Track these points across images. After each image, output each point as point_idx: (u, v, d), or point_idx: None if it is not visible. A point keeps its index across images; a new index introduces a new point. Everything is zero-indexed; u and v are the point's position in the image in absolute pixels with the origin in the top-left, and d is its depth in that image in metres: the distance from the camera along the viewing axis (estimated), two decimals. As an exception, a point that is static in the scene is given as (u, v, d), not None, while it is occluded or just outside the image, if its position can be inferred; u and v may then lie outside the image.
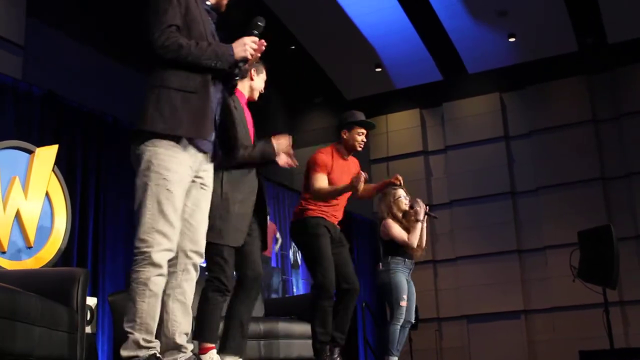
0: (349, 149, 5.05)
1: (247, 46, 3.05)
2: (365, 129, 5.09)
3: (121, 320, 5.32)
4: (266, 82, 4.18)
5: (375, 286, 9.52)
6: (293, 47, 11.50)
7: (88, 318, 5.25)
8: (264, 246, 4.04)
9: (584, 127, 11.41)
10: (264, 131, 4.18)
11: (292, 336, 5.52)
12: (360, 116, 5.19)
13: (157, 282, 2.86)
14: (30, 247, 5.21)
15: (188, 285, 3.07)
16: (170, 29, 2.93)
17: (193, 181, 3.07)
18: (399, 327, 5.86)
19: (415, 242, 5.81)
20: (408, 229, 5.90)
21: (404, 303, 5.80)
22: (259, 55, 3.17)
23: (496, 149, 11.96)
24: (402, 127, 12.55)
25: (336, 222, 4.91)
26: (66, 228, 5.53)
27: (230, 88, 3.27)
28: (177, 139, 2.92)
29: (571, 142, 11.40)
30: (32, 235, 5.23)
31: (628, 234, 10.48)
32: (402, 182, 5.20)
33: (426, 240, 6.09)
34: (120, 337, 5.22)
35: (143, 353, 2.83)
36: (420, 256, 6.09)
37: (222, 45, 3.04)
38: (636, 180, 10.94)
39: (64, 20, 8.12)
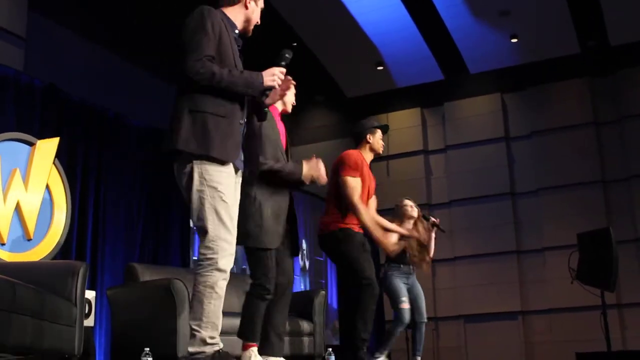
0: (374, 152, 5.22)
1: (276, 76, 3.33)
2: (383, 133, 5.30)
3: (118, 314, 5.36)
4: (296, 95, 4.40)
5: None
6: (295, 44, 11.48)
7: (86, 311, 5.26)
8: (295, 252, 4.34)
9: (585, 129, 11.41)
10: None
11: (293, 334, 5.52)
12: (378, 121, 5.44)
13: (222, 285, 3.14)
14: (29, 240, 5.22)
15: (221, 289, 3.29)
16: (206, 58, 3.13)
17: None
18: (399, 329, 6.06)
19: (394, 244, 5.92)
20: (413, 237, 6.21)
21: (404, 305, 6.05)
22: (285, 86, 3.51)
23: (496, 150, 11.96)
24: (402, 126, 12.54)
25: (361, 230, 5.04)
26: (66, 221, 5.54)
27: (261, 115, 3.54)
28: (217, 160, 3.16)
29: (572, 144, 11.40)
30: (31, 228, 5.23)
31: (627, 237, 10.47)
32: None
33: (433, 252, 6.33)
34: (117, 331, 5.24)
35: (208, 349, 3.11)
36: (426, 268, 6.33)
37: (252, 73, 3.26)
38: (637, 184, 10.93)
39: (67, 13, 8.11)
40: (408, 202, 6.51)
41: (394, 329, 6.14)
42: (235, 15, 3.40)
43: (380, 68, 12.18)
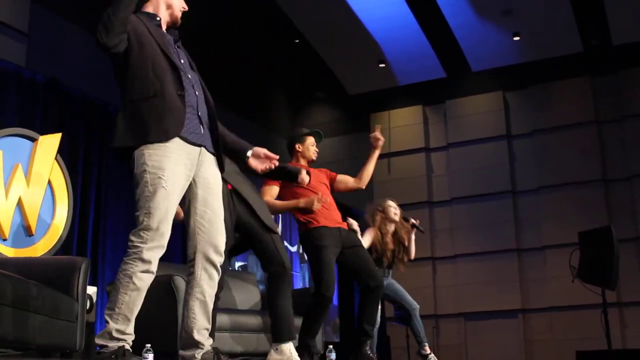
0: (307, 159, 5.11)
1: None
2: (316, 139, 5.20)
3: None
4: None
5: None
6: (297, 41, 11.49)
7: (88, 307, 5.27)
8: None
9: (587, 128, 11.41)
10: (267, 124, 4.25)
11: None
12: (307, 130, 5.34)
13: (142, 277, 2.96)
14: (31, 235, 5.22)
15: (207, 285, 3.17)
16: None
17: (194, 181, 3.14)
18: (375, 331, 6.08)
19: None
20: (398, 240, 6.20)
21: None
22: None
23: (498, 148, 11.96)
24: (404, 123, 12.55)
25: (340, 224, 4.96)
26: (67, 217, 5.55)
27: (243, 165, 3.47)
28: (163, 140, 3.00)
29: (573, 142, 11.40)
30: (33, 223, 5.24)
31: (628, 235, 10.48)
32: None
33: (414, 253, 6.29)
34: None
35: (113, 344, 2.91)
36: (403, 268, 6.29)
37: None
38: (638, 183, 10.94)
39: (69, 7, 8.10)
40: (392, 204, 6.36)
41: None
42: (156, 7, 3.32)
43: (382, 65, 12.18)
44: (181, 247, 8.40)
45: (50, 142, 5.48)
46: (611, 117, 11.38)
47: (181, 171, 3.05)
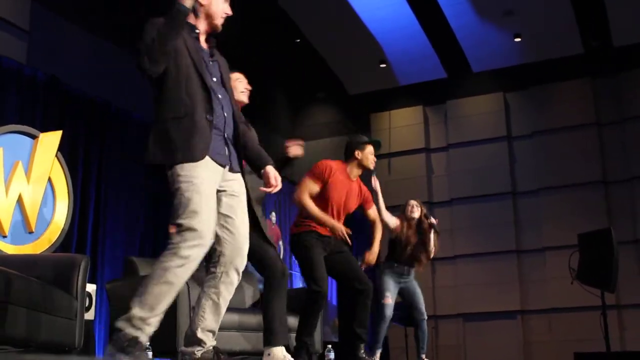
0: (361, 167, 5.12)
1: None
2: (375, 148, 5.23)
3: (118, 308, 5.35)
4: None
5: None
6: (298, 41, 11.49)
7: (87, 304, 5.27)
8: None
9: (587, 130, 11.41)
10: (268, 124, 4.25)
11: (292, 331, 5.52)
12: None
13: (177, 273, 2.98)
14: (31, 232, 5.22)
15: (225, 288, 3.23)
16: None
17: (219, 191, 3.23)
18: (383, 325, 6.17)
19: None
20: (420, 238, 6.37)
21: (386, 300, 6.20)
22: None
23: (498, 149, 11.97)
24: (404, 123, 12.56)
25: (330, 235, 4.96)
26: (67, 214, 5.55)
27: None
28: (190, 160, 3.09)
29: (574, 144, 11.40)
30: (33, 221, 5.24)
31: (628, 238, 10.49)
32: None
33: (432, 253, 6.39)
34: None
35: (130, 330, 2.91)
36: (422, 267, 6.40)
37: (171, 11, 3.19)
38: (638, 185, 10.94)
39: (70, 5, 8.10)
40: (412, 202, 6.56)
41: (377, 326, 6.24)
42: (195, 18, 3.35)
43: (383, 66, 12.18)
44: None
45: (50, 140, 5.48)
46: (611, 119, 11.38)
47: (211, 178, 3.15)
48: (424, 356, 6.44)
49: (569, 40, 11.29)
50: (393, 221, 6.26)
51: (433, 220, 6.51)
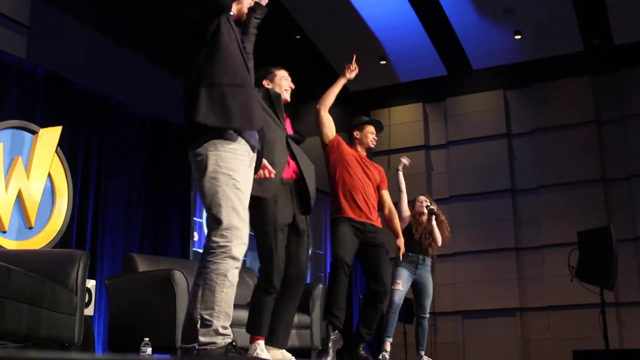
0: (363, 146, 5.41)
1: None
2: (377, 129, 5.51)
3: (117, 303, 5.36)
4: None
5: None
6: (298, 37, 11.48)
7: (87, 300, 5.27)
8: (306, 210, 4.30)
9: (587, 128, 11.41)
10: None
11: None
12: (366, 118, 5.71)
13: (235, 274, 3.04)
14: (31, 228, 5.23)
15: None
16: None
17: None
18: (392, 313, 6.26)
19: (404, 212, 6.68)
20: (423, 227, 6.69)
21: (396, 286, 6.26)
22: None
23: (498, 146, 11.97)
24: (404, 120, 12.56)
25: (371, 220, 5.13)
26: (67, 210, 5.55)
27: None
28: (233, 138, 3.10)
29: (573, 142, 11.40)
30: (33, 216, 5.25)
31: (627, 235, 10.49)
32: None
33: (440, 239, 6.59)
34: (116, 320, 5.25)
35: (220, 340, 2.98)
36: (433, 251, 6.59)
37: None
38: (637, 183, 10.94)
39: (70, 2, 8.09)
40: (420, 197, 6.92)
41: (386, 314, 6.34)
42: None
43: (383, 62, 12.17)
44: (180, 242, 8.42)
45: (50, 135, 5.48)
46: (611, 116, 11.37)
47: (248, 173, 3.19)
48: (423, 353, 6.48)
49: (569, 37, 11.28)
50: (407, 213, 6.69)
51: (432, 206, 6.69)
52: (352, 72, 5.26)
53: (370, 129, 5.44)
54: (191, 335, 3.04)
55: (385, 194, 5.39)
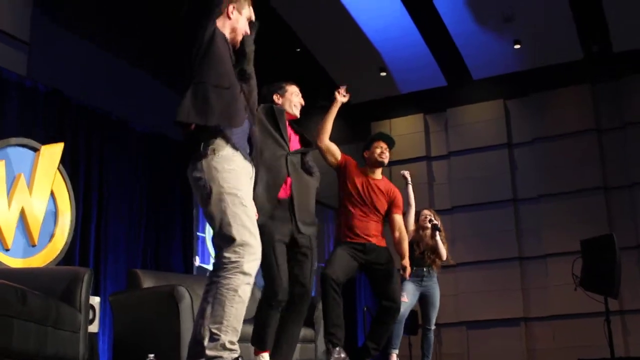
0: (372, 165, 5.44)
1: None
2: (386, 144, 5.51)
3: (121, 320, 5.36)
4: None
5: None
6: (299, 50, 11.52)
7: (91, 317, 5.26)
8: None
9: (588, 136, 11.42)
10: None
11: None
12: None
13: (245, 290, 3.05)
14: (34, 245, 5.22)
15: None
16: None
17: None
18: (398, 324, 6.34)
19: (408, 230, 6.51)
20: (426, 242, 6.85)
21: (402, 299, 6.28)
22: None
23: (499, 156, 11.97)
24: (405, 131, 12.56)
25: (372, 239, 5.16)
26: (70, 227, 5.55)
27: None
28: (230, 153, 3.14)
29: (574, 150, 11.41)
30: (36, 234, 5.25)
31: (629, 243, 10.49)
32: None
33: (445, 254, 6.65)
34: (120, 337, 5.25)
35: (227, 355, 2.99)
36: (439, 265, 6.62)
37: None
38: (638, 190, 10.94)
39: (70, 17, 8.12)
40: (424, 212, 7.01)
41: (394, 326, 6.38)
42: (222, 26, 3.40)
43: (384, 74, 12.20)
44: (182, 259, 8.42)
45: (52, 152, 5.49)
46: (612, 124, 11.39)
47: (249, 187, 3.24)
48: None
49: (568, 46, 11.30)
50: (410, 227, 6.66)
51: (435, 221, 6.71)
52: (344, 97, 5.37)
53: (378, 144, 5.43)
54: (197, 351, 3.03)
55: (397, 218, 5.33)
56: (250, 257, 3.05)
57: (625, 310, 10.55)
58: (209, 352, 2.97)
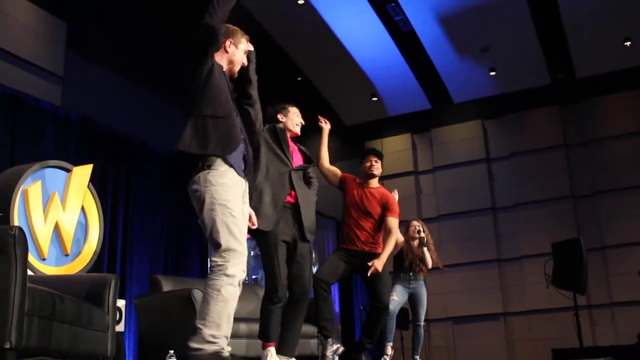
0: (366, 176, 5.38)
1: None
2: (376, 157, 5.44)
3: (145, 320, 5.35)
4: (301, 123, 4.73)
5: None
6: (299, 79, 11.56)
7: (117, 318, 5.26)
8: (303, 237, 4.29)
9: (557, 151, 11.44)
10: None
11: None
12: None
13: (229, 290, 3.06)
14: (67, 255, 5.22)
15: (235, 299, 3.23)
16: None
17: None
18: (390, 320, 6.31)
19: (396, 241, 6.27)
20: (414, 252, 6.63)
21: (391, 297, 6.38)
22: None
23: (479, 170, 11.98)
24: (395, 149, 12.58)
25: (364, 247, 5.15)
26: (99, 238, 5.55)
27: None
28: (224, 168, 3.17)
29: (545, 164, 11.42)
30: (68, 244, 5.24)
31: (595, 245, 10.47)
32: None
33: (430, 263, 6.53)
34: (144, 335, 5.24)
35: (208, 347, 2.99)
36: (425, 273, 6.53)
37: None
38: (602, 198, 10.95)
39: (100, 53, 8.17)
40: (414, 223, 6.80)
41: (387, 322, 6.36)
42: (220, 59, 3.40)
43: (375, 99, 12.23)
44: (199, 264, 8.40)
45: (82, 173, 5.50)
46: (577, 140, 11.41)
47: (239, 200, 3.23)
48: (417, 357, 6.47)
49: (537, 72, 11.34)
50: (400, 239, 6.50)
51: (422, 234, 6.62)
52: (327, 124, 5.37)
53: (368, 158, 5.41)
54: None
55: (389, 220, 5.22)
56: (235, 261, 3.06)
57: (592, 305, 10.53)
58: (192, 345, 3.00)
